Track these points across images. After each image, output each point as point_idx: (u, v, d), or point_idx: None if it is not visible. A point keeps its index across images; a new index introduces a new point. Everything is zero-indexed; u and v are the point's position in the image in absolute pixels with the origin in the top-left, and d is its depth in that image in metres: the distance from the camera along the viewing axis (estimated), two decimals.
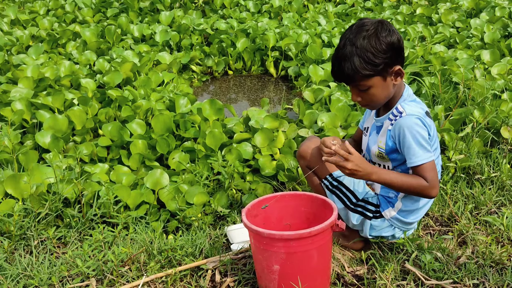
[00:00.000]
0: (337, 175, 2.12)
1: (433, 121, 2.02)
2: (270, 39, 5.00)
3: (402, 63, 1.94)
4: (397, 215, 2.07)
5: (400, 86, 2.00)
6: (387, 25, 1.89)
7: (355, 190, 2.10)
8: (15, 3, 6.73)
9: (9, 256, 2.25)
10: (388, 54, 1.86)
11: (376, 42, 1.84)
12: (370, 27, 1.85)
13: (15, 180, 2.61)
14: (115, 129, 3.23)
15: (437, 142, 2.05)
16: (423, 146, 1.89)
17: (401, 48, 1.91)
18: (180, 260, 2.18)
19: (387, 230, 2.11)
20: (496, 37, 4.63)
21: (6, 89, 3.81)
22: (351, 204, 2.11)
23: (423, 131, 1.90)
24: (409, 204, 2.06)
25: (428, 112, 1.98)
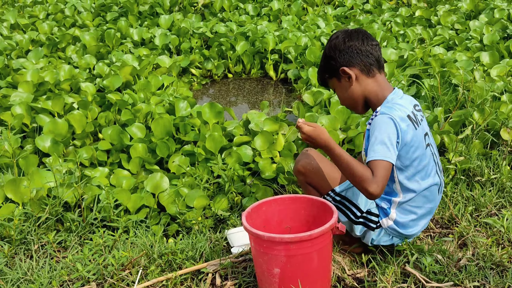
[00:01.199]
0: (339, 190, 2.11)
1: (416, 129, 1.95)
2: (270, 42, 5.01)
3: (349, 65, 2.02)
4: (394, 225, 2.06)
5: (380, 89, 2.03)
6: (339, 32, 2.07)
7: (358, 203, 2.07)
8: (14, 7, 6.74)
9: (9, 261, 2.25)
10: (330, 56, 2.06)
11: (325, 47, 2.09)
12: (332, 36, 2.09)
13: (15, 184, 2.61)
14: (115, 133, 3.23)
15: (420, 154, 1.96)
16: (385, 145, 1.85)
17: (342, 50, 2.02)
18: (180, 263, 2.18)
19: (386, 240, 2.10)
20: (495, 39, 4.63)
21: (6, 94, 3.82)
22: (355, 217, 2.08)
23: (391, 130, 1.88)
24: (404, 215, 2.04)
25: (410, 116, 1.95)
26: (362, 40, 2.03)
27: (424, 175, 2.00)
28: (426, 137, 2.03)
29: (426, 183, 2.01)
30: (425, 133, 2.03)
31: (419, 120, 2.01)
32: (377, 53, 2.05)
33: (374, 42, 2.05)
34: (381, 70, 2.07)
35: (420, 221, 2.08)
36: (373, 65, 2.03)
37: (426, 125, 2.08)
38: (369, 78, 2.04)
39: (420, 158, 1.97)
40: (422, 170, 1.99)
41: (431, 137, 2.10)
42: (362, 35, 2.04)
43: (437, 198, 2.11)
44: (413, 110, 2.01)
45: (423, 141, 1.99)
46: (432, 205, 2.09)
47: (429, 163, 2.02)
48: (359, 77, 2.04)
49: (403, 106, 1.98)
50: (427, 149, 2.01)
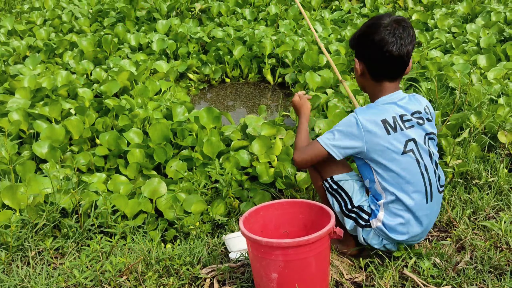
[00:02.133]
0: (337, 178, 2.12)
1: (388, 134, 1.95)
2: (267, 47, 5.01)
3: (363, 60, 2.05)
4: (382, 227, 2.04)
5: (380, 93, 2.05)
6: (383, 22, 1.98)
7: (352, 196, 2.09)
8: (12, 13, 6.75)
9: (6, 268, 2.24)
10: (359, 37, 2.06)
11: (367, 24, 2.05)
12: (378, 16, 2.05)
13: (12, 191, 2.61)
14: (112, 138, 3.23)
15: (395, 158, 1.95)
16: (333, 134, 2.00)
17: (366, 43, 2.01)
18: (178, 269, 2.17)
19: (376, 242, 2.09)
20: (492, 42, 4.64)
21: (3, 100, 3.81)
22: (346, 209, 2.10)
23: (348, 124, 1.98)
24: (391, 218, 2.02)
25: (386, 121, 1.96)
26: (390, 47, 1.95)
27: (404, 180, 1.98)
28: (410, 143, 1.98)
29: (407, 188, 1.98)
30: (410, 139, 1.99)
31: (402, 126, 1.98)
32: (397, 64, 2.00)
33: (404, 47, 1.97)
34: (394, 80, 2.05)
35: (409, 227, 2.03)
36: (383, 75, 2.03)
37: (416, 133, 2.01)
38: (374, 81, 2.06)
39: (396, 163, 1.96)
40: (400, 174, 1.97)
41: (425, 145, 2.02)
42: (396, 40, 1.95)
43: (425, 207, 2.03)
44: (397, 115, 1.99)
45: (401, 147, 1.96)
46: (420, 213, 2.02)
47: (409, 169, 1.98)
48: (365, 74, 2.07)
49: (382, 111, 1.99)
50: (405, 155, 1.97)
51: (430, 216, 2.08)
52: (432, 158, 2.05)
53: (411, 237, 2.06)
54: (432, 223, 2.13)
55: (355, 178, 2.13)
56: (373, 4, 6.60)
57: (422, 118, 2.05)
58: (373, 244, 2.10)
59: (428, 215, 2.06)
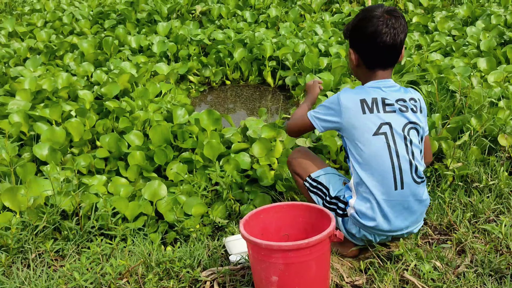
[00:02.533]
0: (315, 175, 2.26)
1: (364, 113, 2.04)
2: (267, 49, 5.02)
3: (357, 50, 2.13)
4: (354, 214, 2.10)
5: (371, 77, 2.14)
6: (374, 14, 2.06)
7: (329, 187, 2.20)
8: (12, 15, 6.76)
9: (6, 270, 2.24)
10: (354, 29, 2.13)
11: (360, 15, 2.13)
12: (370, 7, 2.12)
13: (13, 193, 2.61)
14: (113, 141, 3.23)
15: (366, 139, 2.04)
16: (319, 107, 2.16)
17: (360, 35, 2.09)
18: (178, 272, 2.17)
19: (355, 231, 2.14)
20: (492, 45, 4.65)
21: (4, 102, 3.81)
22: (326, 202, 2.20)
23: (331, 100, 2.11)
24: (361, 202, 2.08)
25: (365, 101, 2.06)
26: (384, 37, 2.03)
27: (371, 162, 2.04)
28: (385, 126, 2.04)
29: (372, 170, 2.04)
30: (385, 122, 2.04)
31: (379, 109, 2.05)
32: (390, 53, 2.09)
33: (397, 36, 2.04)
34: (387, 68, 2.15)
35: (378, 213, 2.04)
36: (377, 64, 2.13)
37: (395, 118, 2.05)
38: (368, 69, 2.16)
39: (366, 143, 2.04)
40: (368, 155, 2.04)
41: (402, 132, 2.05)
42: (389, 30, 2.03)
43: (393, 194, 2.03)
44: (379, 97, 2.07)
45: (373, 128, 2.03)
46: (383, 198, 2.03)
47: (378, 152, 2.03)
48: (360, 64, 2.17)
49: (364, 92, 2.09)
50: (376, 136, 2.03)
51: (402, 205, 2.06)
52: (409, 147, 2.06)
53: (378, 226, 2.06)
54: (413, 215, 2.10)
55: (330, 172, 2.26)
56: None
57: (406, 107, 2.10)
58: (354, 234, 2.15)
59: (397, 203, 2.05)
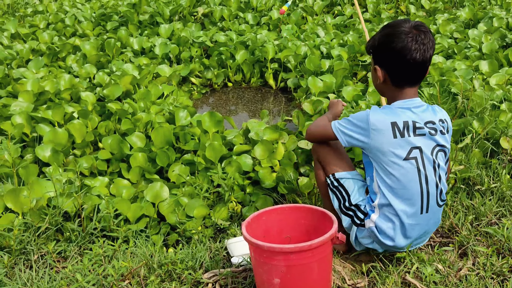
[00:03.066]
0: (339, 176, 2.19)
1: (394, 137, 1.97)
2: (269, 51, 5.02)
3: (384, 67, 2.07)
4: (374, 229, 2.06)
5: (399, 97, 2.07)
6: (402, 30, 2.00)
7: (351, 194, 2.15)
8: (15, 17, 6.77)
9: (9, 271, 2.25)
10: (379, 46, 2.07)
11: (385, 31, 2.07)
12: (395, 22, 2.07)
13: (15, 194, 2.61)
14: (115, 142, 3.24)
15: (396, 163, 1.98)
16: (346, 119, 2.08)
17: (387, 52, 2.02)
18: (180, 273, 2.17)
19: (367, 242, 2.13)
20: (494, 48, 4.65)
21: (6, 103, 3.82)
22: (344, 207, 2.17)
23: (360, 118, 2.03)
24: (384, 220, 2.04)
25: (396, 124, 1.98)
26: (414, 54, 1.97)
27: (400, 186, 1.99)
28: (415, 150, 1.99)
29: (401, 194, 2.00)
30: (416, 147, 1.99)
31: (410, 133, 1.99)
32: (419, 70, 2.03)
33: (427, 52, 2.00)
34: (415, 85, 2.09)
35: (399, 234, 2.04)
36: (405, 81, 2.06)
37: (425, 142, 2.01)
38: (394, 86, 2.08)
39: (396, 167, 1.98)
40: (398, 178, 1.99)
41: (431, 156, 2.02)
42: (419, 46, 1.98)
43: (418, 217, 2.03)
44: (410, 120, 2.00)
45: (404, 153, 1.98)
46: (409, 221, 2.02)
47: (408, 176, 1.99)
48: (386, 81, 2.09)
49: (394, 114, 2.01)
50: (407, 161, 1.98)
51: (422, 228, 2.07)
52: (437, 170, 2.04)
53: (396, 245, 2.07)
54: (426, 235, 2.13)
55: (356, 178, 2.19)
56: (375, 9, 6.61)
57: (435, 129, 2.04)
58: (364, 244, 2.14)
59: (419, 226, 2.05)
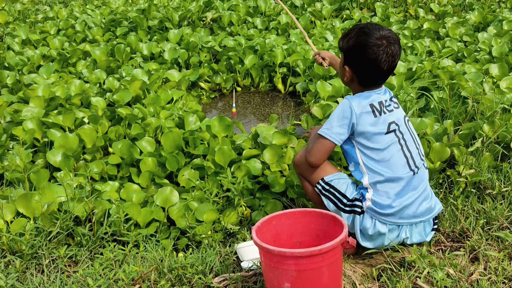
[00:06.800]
0: (328, 179, 2.28)
1: (375, 116, 2.15)
2: (278, 56, 5.03)
3: (353, 68, 2.21)
4: (372, 205, 2.15)
5: (363, 90, 2.24)
6: (371, 35, 2.13)
7: (346, 192, 2.24)
8: (26, 23, 6.84)
9: (21, 275, 2.26)
10: (352, 48, 2.18)
11: (358, 34, 2.17)
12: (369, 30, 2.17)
13: (27, 199, 2.63)
14: (125, 147, 3.25)
15: (379, 139, 2.15)
16: (330, 121, 2.19)
17: (357, 54, 2.15)
18: (190, 278, 2.18)
19: (369, 225, 2.17)
20: (504, 51, 4.62)
21: (18, 109, 3.86)
22: (342, 205, 2.22)
23: (343, 109, 2.16)
24: (377, 194, 2.15)
25: (373, 105, 2.16)
26: (383, 65, 2.13)
27: (387, 157, 2.15)
28: (392, 124, 2.18)
29: (389, 164, 2.15)
30: (392, 121, 2.19)
31: (385, 110, 2.19)
32: (385, 76, 2.21)
33: (394, 62, 2.16)
34: (379, 86, 2.26)
35: (395, 199, 2.14)
36: (372, 84, 2.23)
37: (396, 115, 2.21)
38: (361, 86, 2.26)
39: (380, 141, 2.15)
40: (383, 151, 2.15)
41: (407, 127, 2.24)
42: (388, 58, 2.13)
43: (411, 178, 2.17)
44: (382, 101, 2.20)
45: (384, 128, 2.16)
46: (404, 183, 2.15)
47: (390, 147, 2.16)
48: (354, 80, 2.26)
49: (368, 97, 2.19)
50: (388, 134, 2.17)
51: (416, 191, 2.17)
52: (413, 136, 2.26)
53: (395, 211, 2.14)
54: (422, 207, 2.19)
55: (343, 177, 2.30)
56: (384, 13, 6.60)
57: (397, 103, 2.29)
58: (368, 230, 2.16)
59: (412, 187, 2.17)
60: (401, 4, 7.08)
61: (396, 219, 2.16)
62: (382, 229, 2.16)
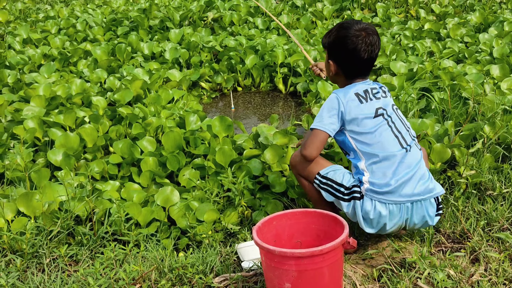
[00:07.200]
0: (323, 172, 2.32)
1: (361, 103, 2.24)
2: (279, 56, 5.03)
3: (336, 62, 2.33)
4: (370, 186, 2.19)
5: (349, 83, 2.33)
6: (351, 29, 2.27)
7: (343, 182, 2.27)
8: (27, 22, 6.84)
9: (21, 274, 2.26)
10: (334, 43, 2.32)
11: (337, 30, 2.32)
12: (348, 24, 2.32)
13: (28, 198, 2.63)
14: (126, 147, 3.26)
15: (369, 124, 2.22)
16: (320, 114, 2.28)
17: (339, 48, 2.28)
18: (191, 278, 2.18)
19: (370, 208, 2.18)
20: (505, 52, 4.62)
21: (19, 108, 3.86)
22: (341, 194, 2.26)
23: (331, 102, 2.27)
24: (374, 174, 2.20)
25: (358, 93, 2.27)
26: (363, 54, 2.25)
27: (377, 139, 2.22)
28: (380, 110, 2.26)
29: (381, 145, 2.21)
30: (379, 107, 2.27)
31: (371, 96, 2.28)
32: (367, 66, 2.32)
33: (374, 52, 2.28)
34: (364, 77, 2.36)
35: (391, 177, 2.18)
36: (356, 74, 2.33)
37: (383, 102, 2.30)
38: (346, 79, 2.36)
39: (369, 125, 2.23)
40: (372, 134, 2.22)
41: (395, 112, 2.32)
42: (367, 47, 2.25)
43: (403, 155, 2.22)
44: (367, 89, 2.30)
45: (371, 113, 2.25)
46: (398, 160, 2.19)
47: (379, 129, 2.23)
48: (339, 73, 2.37)
49: (353, 87, 2.29)
50: (376, 118, 2.25)
51: (410, 168, 2.20)
52: (403, 120, 2.32)
53: (392, 190, 2.17)
54: (420, 185, 2.21)
55: (338, 168, 2.34)
56: (385, 14, 6.61)
57: (384, 91, 2.37)
58: (370, 216, 2.18)
59: (406, 164, 2.20)
60: (402, 4, 7.08)
61: (395, 197, 2.18)
62: (383, 210, 2.17)
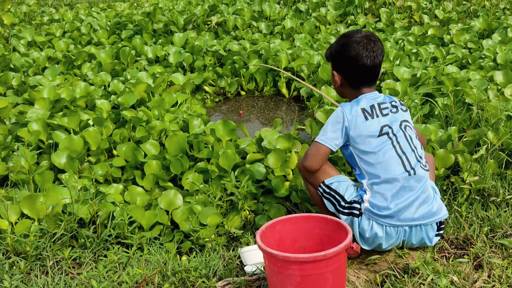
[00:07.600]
0: (328, 182, 2.33)
1: (366, 120, 2.21)
2: (282, 60, 5.04)
3: (340, 72, 2.33)
4: (369, 207, 2.20)
5: (357, 95, 2.31)
6: (352, 36, 2.27)
7: (344, 194, 2.27)
8: (31, 25, 6.87)
9: (25, 277, 2.27)
10: (336, 52, 2.32)
11: (340, 40, 2.32)
12: (349, 33, 2.32)
13: (32, 200, 2.64)
14: (130, 150, 3.26)
15: (373, 141, 2.20)
16: (324, 128, 2.28)
17: (341, 56, 2.28)
18: (194, 281, 2.18)
19: (367, 227, 2.19)
20: (509, 58, 4.62)
21: (23, 110, 3.88)
22: (341, 207, 2.26)
23: (336, 116, 2.26)
24: (374, 195, 2.19)
25: (365, 109, 2.24)
26: (365, 60, 2.24)
27: (380, 159, 2.19)
28: (385, 128, 2.23)
29: (384, 166, 2.19)
30: (385, 124, 2.24)
31: (378, 113, 2.25)
32: (371, 73, 2.29)
33: (377, 58, 2.26)
34: (371, 84, 2.34)
35: (391, 200, 2.16)
36: (360, 83, 2.31)
37: (391, 119, 2.25)
38: (352, 88, 2.34)
39: (373, 143, 2.20)
40: (376, 154, 2.19)
41: (402, 130, 2.26)
42: (369, 53, 2.24)
43: (407, 178, 2.18)
44: (374, 104, 2.26)
45: (376, 131, 2.22)
46: (401, 183, 2.17)
47: (384, 149, 2.20)
48: (344, 83, 2.35)
49: (361, 103, 2.27)
50: (381, 137, 2.22)
51: (413, 195, 2.18)
52: (409, 141, 2.26)
53: (391, 214, 2.16)
54: (421, 210, 2.19)
55: (343, 180, 2.33)
56: (388, 19, 6.61)
57: (396, 107, 2.32)
58: (366, 233, 2.19)
59: (408, 188, 2.18)
60: (405, 10, 7.09)
61: (394, 221, 2.17)
62: (379, 232, 2.18)
